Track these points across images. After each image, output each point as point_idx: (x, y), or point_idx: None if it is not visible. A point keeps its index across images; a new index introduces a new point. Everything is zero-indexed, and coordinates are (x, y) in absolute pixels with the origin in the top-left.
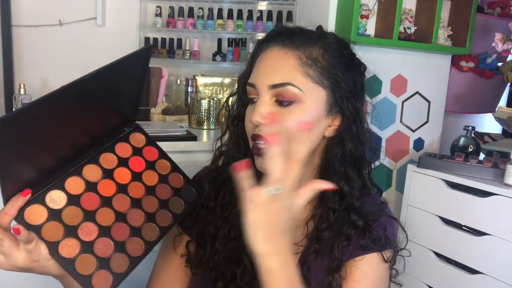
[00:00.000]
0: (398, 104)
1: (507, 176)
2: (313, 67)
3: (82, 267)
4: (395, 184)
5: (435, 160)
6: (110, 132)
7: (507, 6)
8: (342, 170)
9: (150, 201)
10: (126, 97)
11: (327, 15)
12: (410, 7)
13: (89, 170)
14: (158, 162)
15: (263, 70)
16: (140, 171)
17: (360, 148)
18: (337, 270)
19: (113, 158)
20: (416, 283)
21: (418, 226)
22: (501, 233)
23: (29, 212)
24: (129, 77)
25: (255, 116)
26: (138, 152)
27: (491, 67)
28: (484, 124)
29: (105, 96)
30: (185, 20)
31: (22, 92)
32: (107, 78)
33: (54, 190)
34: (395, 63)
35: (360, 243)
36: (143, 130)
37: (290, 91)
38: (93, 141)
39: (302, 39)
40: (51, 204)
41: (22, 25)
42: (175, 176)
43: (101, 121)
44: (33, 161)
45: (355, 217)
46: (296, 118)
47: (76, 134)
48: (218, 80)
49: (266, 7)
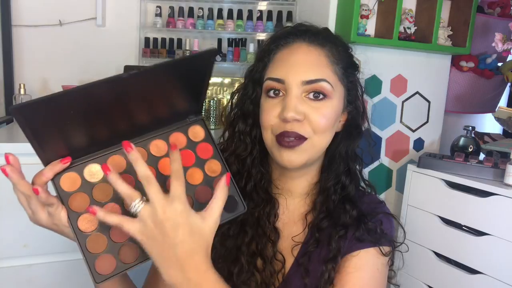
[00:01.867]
0: (398, 104)
1: (507, 176)
2: (339, 66)
3: (92, 244)
4: (395, 184)
5: (435, 160)
6: (174, 117)
7: (507, 6)
8: (345, 163)
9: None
10: (194, 89)
11: (327, 15)
12: (410, 7)
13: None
14: (210, 162)
15: (294, 65)
16: (186, 166)
17: (358, 143)
18: (333, 260)
19: (164, 146)
20: (416, 283)
21: (418, 226)
22: (501, 233)
23: (65, 178)
24: (196, 72)
25: (289, 112)
26: (192, 146)
27: (491, 67)
28: (484, 124)
29: (174, 85)
30: (185, 20)
31: (22, 92)
32: (177, 69)
33: (95, 164)
34: (395, 63)
35: (356, 235)
36: (206, 125)
37: (324, 87)
38: (154, 122)
39: (327, 38)
40: (88, 176)
41: (22, 25)
42: None
43: (166, 104)
44: (86, 131)
45: (348, 206)
46: (327, 113)
47: (139, 114)
48: (218, 80)
49: (266, 7)
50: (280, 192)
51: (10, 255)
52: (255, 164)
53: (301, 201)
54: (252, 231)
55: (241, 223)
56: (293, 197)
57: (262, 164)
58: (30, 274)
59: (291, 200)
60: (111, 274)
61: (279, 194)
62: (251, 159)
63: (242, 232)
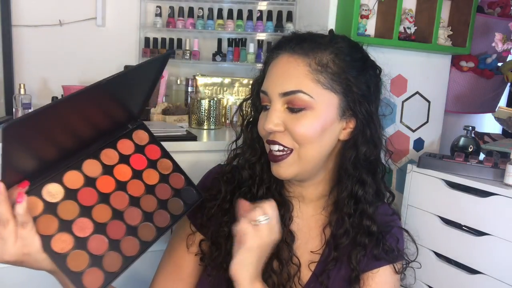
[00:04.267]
0: (398, 104)
1: (507, 176)
2: (324, 73)
3: (73, 263)
4: (395, 184)
5: (435, 160)
6: (115, 128)
7: (507, 6)
8: (356, 173)
9: (149, 201)
10: (137, 97)
11: (327, 15)
12: (410, 7)
13: (89, 165)
14: (160, 162)
15: (274, 78)
16: (141, 169)
17: (375, 151)
18: (356, 281)
19: (115, 155)
20: (416, 283)
21: (418, 226)
22: (501, 233)
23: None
24: (144, 80)
25: (268, 124)
26: (140, 150)
27: (491, 67)
28: (484, 124)
29: (117, 96)
30: (185, 20)
31: (22, 92)
32: (123, 82)
33: (51, 183)
34: (395, 63)
35: (374, 253)
36: (147, 128)
37: (300, 98)
38: (97, 135)
39: (312, 45)
40: (48, 197)
41: (22, 25)
42: (177, 176)
43: (107, 116)
44: (35, 153)
45: (368, 223)
46: (306, 124)
47: (81, 128)
48: (218, 80)
49: (266, 7)
50: (293, 195)
51: None
52: (265, 169)
53: (316, 208)
54: None
55: None
56: (305, 202)
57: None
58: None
59: (304, 205)
60: (102, 286)
61: (292, 197)
62: (260, 165)
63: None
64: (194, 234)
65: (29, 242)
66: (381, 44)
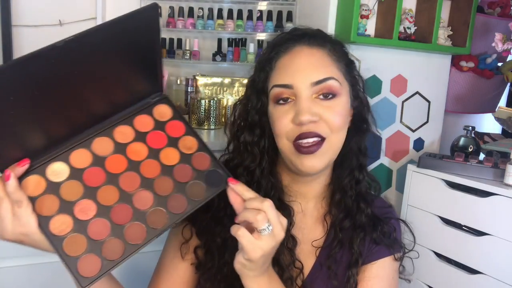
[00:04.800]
0: (398, 104)
1: (507, 176)
2: (341, 63)
3: (70, 247)
4: (395, 184)
5: (435, 160)
6: (134, 100)
7: (507, 6)
8: (357, 158)
9: (164, 183)
10: (147, 65)
11: (327, 15)
12: (410, 7)
13: (99, 143)
14: (183, 139)
15: (299, 69)
16: (159, 148)
17: (364, 138)
18: (355, 264)
19: (130, 132)
20: (416, 283)
21: (418, 226)
22: (501, 233)
23: (27, 182)
24: (141, 39)
25: (304, 114)
26: (160, 126)
27: (491, 67)
28: (484, 124)
29: (121, 59)
30: (185, 20)
31: None
32: (114, 34)
33: (57, 162)
34: (395, 63)
35: (373, 236)
36: (171, 102)
37: (333, 85)
38: (113, 107)
39: (324, 38)
40: (52, 176)
41: (22, 25)
42: (201, 156)
43: (121, 85)
44: (40, 127)
45: (363, 205)
46: (339, 111)
47: (94, 99)
48: (218, 80)
49: (266, 7)
50: (294, 198)
51: (10, 255)
52: (264, 174)
53: (317, 204)
54: None
55: None
56: (307, 201)
57: (271, 174)
58: (30, 274)
59: (306, 204)
60: (98, 274)
61: (293, 201)
62: (260, 170)
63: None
64: (187, 243)
65: (24, 221)
66: (381, 44)
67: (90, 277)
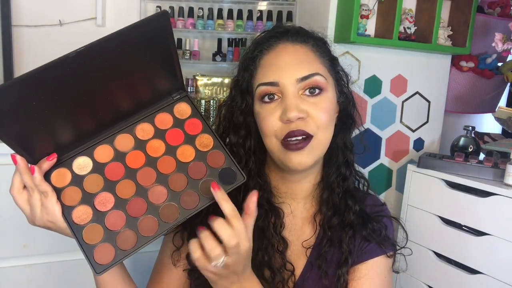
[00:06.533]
0: (398, 104)
1: (507, 176)
2: (325, 58)
3: (89, 235)
4: (395, 184)
5: (435, 160)
6: (157, 98)
7: (507, 6)
8: (343, 154)
9: (179, 179)
10: (165, 64)
11: (327, 15)
12: (410, 7)
13: (121, 139)
14: (200, 137)
15: (284, 65)
16: (176, 145)
17: (349, 134)
18: (345, 263)
19: (150, 129)
20: (416, 283)
21: (418, 226)
22: (501, 233)
23: (55, 174)
24: (157, 42)
25: (292, 111)
26: (179, 124)
27: (491, 67)
28: (484, 124)
29: (141, 61)
30: (185, 20)
31: None
32: (131, 39)
33: (82, 157)
34: (395, 63)
35: (363, 234)
36: (191, 100)
37: (319, 80)
38: (137, 105)
39: (307, 34)
40: (77, 169)
41: (22, 25)
42: (216, 154)
43: (143, 84)
44: (68, 125)
45: (351, 202)
46: (325, 107)
47: (118, 99)
48: (218, 80)
49: (266, 7)
50: (283, 200)
51: (10, 255)
52: (252, 176)
53: (307, 203)
54: (258, 243)
55: None
56: (297, 201)
57: (259, 175)
58: (30, 274)
59: (296, 204)
60: (111, 263)
61: (282, 202)
62: (247, 171)
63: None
64: (178, 250)
65: (50, 210)
66: (381, 44)
67: (104, 265)
